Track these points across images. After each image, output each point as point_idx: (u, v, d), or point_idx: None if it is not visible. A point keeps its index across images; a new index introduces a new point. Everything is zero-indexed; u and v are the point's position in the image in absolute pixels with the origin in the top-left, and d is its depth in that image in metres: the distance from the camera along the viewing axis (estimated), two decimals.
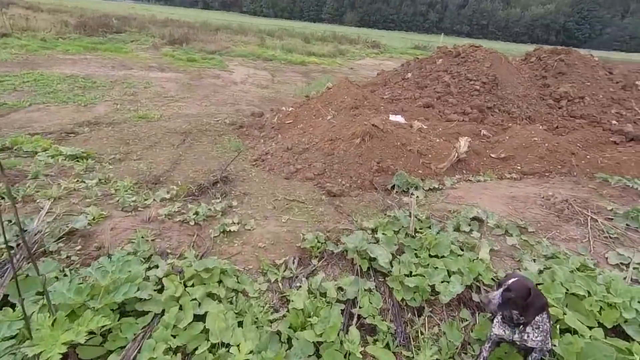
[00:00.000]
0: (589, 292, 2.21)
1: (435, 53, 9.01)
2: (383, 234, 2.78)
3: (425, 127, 5.60)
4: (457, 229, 3.01)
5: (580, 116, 7.41)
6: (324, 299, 2.23)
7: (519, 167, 4.46)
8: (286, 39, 27.17)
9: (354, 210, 3.49)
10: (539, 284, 2.28)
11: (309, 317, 2.05)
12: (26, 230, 2.48)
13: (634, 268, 2.62)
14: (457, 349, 2.10)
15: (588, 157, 4.56)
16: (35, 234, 2.48)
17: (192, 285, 2.23)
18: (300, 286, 2.35)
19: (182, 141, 6.13)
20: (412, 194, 3.72)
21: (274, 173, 4.56)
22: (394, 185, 3.96)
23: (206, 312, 2.04)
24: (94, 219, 2.91)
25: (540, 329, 1.83)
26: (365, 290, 2.31)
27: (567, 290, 2.22)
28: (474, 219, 3.15)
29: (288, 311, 2.15)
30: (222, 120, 8.45)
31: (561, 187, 3.86)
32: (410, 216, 2.94)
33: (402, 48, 32.15)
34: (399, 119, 5.82)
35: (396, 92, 8.01)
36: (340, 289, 2.34)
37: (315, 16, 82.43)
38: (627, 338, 2.05)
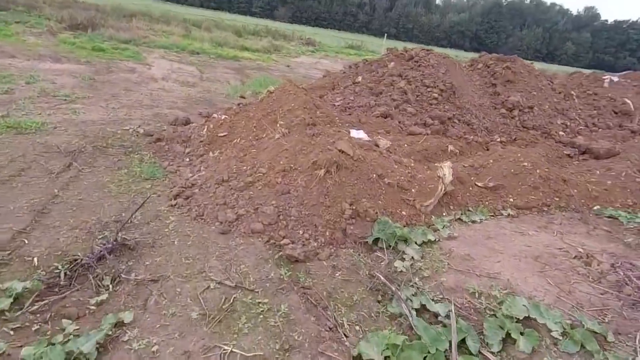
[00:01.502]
0: None
1: (386, 55, 8.23)
2: None
3: (389, 144, 4.65)
4: (504, 338, 1.97)
5: (532, 127, 7.22)
6: None
7: (511, 200, 3.75)
8: (215, 31, 24.80)
9: (332, 297, 2.30)
10: None
11: None
12: None
13: None
14: None
15: (578, 185, 4.05)
16: None
17: None
18: None
19: (66, 167, 4.32)
20: (403, 256, 2.67)
21: (203, 221, 3.17)
22: (376, 239, 2.88)
23: None
24: None
25: None
26: None
27: None
28: (525, 319, 2.13)
29: None
30: (133, 129, 6.63)
31: (575, 233, 3.21)
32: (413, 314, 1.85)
33: (337, 47, 31.79)
34: (360, 135, 4.79)
35: (348, 99, 7.01)
36: None
37: (246, 9, 78.94)
38: None
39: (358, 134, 4.76)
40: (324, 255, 2.72)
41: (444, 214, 3.51)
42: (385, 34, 22.95)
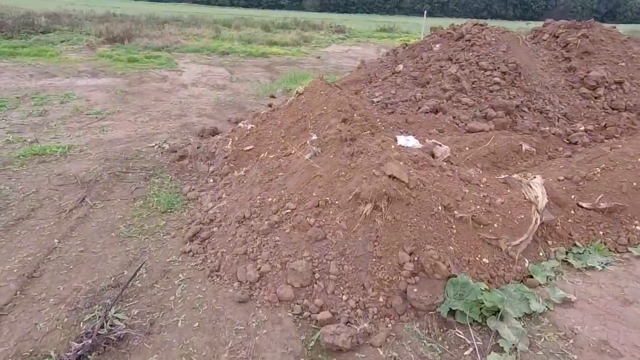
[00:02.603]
0: None
1: (429, 36, 7.06)
2: None
3: (448, 151, 3.68)
4: None
5: (625, 108, 5.76)
6: None
7: (639, 228, 2.66)
8: (244, 28, 24.44)
9: None
10: None
11: None
12: None
13: None
14: None
15: None
16: None
17: None
18: None
19: (79, 202, 3.87)
20: (498, 341, 1.78)
21: (219, 280, 2.49)
22: (452, 311, 2.01)
23: None
24: None
25: None
26: None
27: None
28: None
29: None
30: (159, 145, 6.20)
31: None
32: None
33: (368, 31, 30.17)
34: (411, 142, 3.85)
35: (389, 93, 6.02)
36: None
37: (274, 3, 78.41)
38: None
39: (407, 141, 3.83)
40: (378, 340, 1.91)
41: (542, 255, 2.53)
42: (426, 11, 21.08)
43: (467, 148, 4.25)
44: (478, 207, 2.51)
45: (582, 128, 5.29)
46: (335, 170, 2.79)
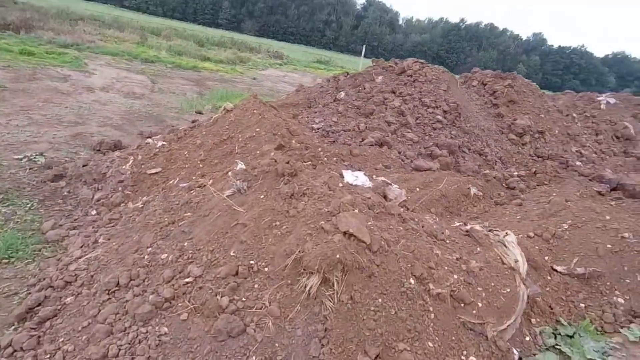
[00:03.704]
0: None
1: (372, 67, 6.82)
2: None
3: (404, 194, 3.11)
4: None
5: (547, 156, 6.04)
6: None
7: (621, 300, 2.29)
8: (175, 39, 22.74)
9: None
10: None
11: None
12: None
13: None
14: None
15: None
16: None
17: None
18: None
19: None
20: None
21: None
22: None
23: None
24: None
25: None
26: None
27: None
28: None
29: None
30: (29, 158, 4.68)
31: None
32: None
33: (305, 61, 30.72)
34: (360, 179, 3.20)
35: (330, 120, 5.45)
36: None
37: (211, 21, 76.59)
38: None
39: (356, 178, 3.16)
40: None
41: (528, 339, 1.97)
42: (364, 47, 21.97)
43: (417, 189, 3.76)
44: (455, 276, 1.87)
45: (516, 173, 5.30)
46: (266, 217, 1.93)
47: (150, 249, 2.16)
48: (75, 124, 6.32)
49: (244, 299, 1.62)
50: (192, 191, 2.91)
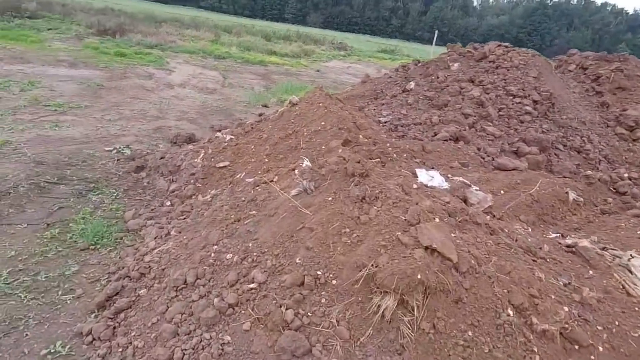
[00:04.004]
0: None
1: (447, 54, 6.23)
2: None
3: (490, 199, 2.69)
4: None
5: None
6: None
7: None
8: (245, 35, 23.71)
9: None
10: None
11: None
12: None
13: None
14: None
15: None
16: None
17: None
18: None
19: None
20: None
21: None
22: None
23: None
24: None
25: None
26: None
27: None
28: None
29: None
30: (117, 150, 5.12)
31: None
32: None
33: (369, 51, 29.89)
34: (435, 180, 2.86)
35: (399, 112, 5.09)
36: None
37: (278, 15, 78.79)
38: None
39: (431, 178, 2.83)
40: None
41: None
42: (437, 32, 20.65)
43: (501, 192, 3.28)
44: (566, 309, 1.50)
45: (627, 175, 4.40)
46: (334, 222, 1.75)
47: (216, 246, 2.13)
48: (156, 118, 6.83)
49: (309, 314, 1.47)
50: (257, 187, 2.85)
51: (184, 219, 3.07)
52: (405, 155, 3.64)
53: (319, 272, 1.60)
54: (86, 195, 3.59)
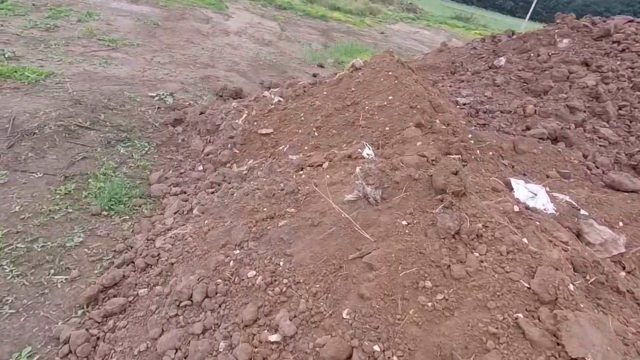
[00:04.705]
0: None
1: (555, 25, 4.97)
2: None
3: (622, 244, 1.90)
4: None
5: None
6: None
7: None
8: None
9: None
10: None
11: None
12: None
13: None
14: None
15: None
16: None
17: None
18: None
19: None
20: None
21: None
22: None
23: None
24: None
25: None
26: None
27: None
28: None
29: None
30: (160, 97, 4.77)
31: None
32: None
33: (441, 17, 26.97)
34: (539, 199, 2.09)
35: (481, 94, 4.14)
36: None
37: None
38: None
39: (532, 195, 2.07)
40: None
41: None
42: (534, 4, 17.92)
43: (620, 224, 2.43)
44: None
45: None
46: (408, 265, 1.14)
47: (238, 251, 1.62)
48: (206, 66, 6.39)
49: None
50: (301, 172, 2.27)
51: (212, 192, 2.61)
52: (491, 153, 2.84)
53: (376, 347, 1.02)
54: (115, 146, 3.24)
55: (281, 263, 1.46)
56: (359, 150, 2.11)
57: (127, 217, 2.35)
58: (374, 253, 1.24)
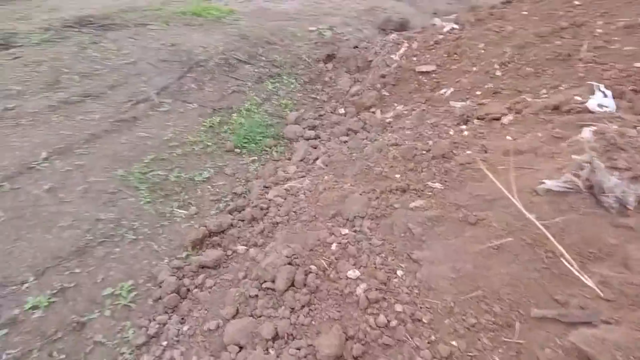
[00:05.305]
0: None
1: None
2: None
3: None
4: None
5: None
6: None
7: None
8: None
9: None
10: None
11: None
12: None
13: None
14: None
15: None
16: None
17: None
18: None
19: (156, 94, 2.70)
20: None
21: None
22: None
23: None
24: None
25: None
26: None
27: None
28: None
29: None
30: (319, 32, 4.59)
31: None
32: None
33: None
34: None
35: None
36: None
37: None
38: None
39: None
40: None
41: None
42: None
43: None
44: None
45: None
46: None
47: (347, 230, 1.16)
48: None
49: None
50: (463, 127, 1.53)
51: (345, 142, 2.17)
52: None
53: None
54: (264, 82, 3.17)
55: (400, 272, 0.90)
56: (577, 97, 1.19)
57: (256, 157, 2.21)
58: (602, 327, 0.53)
